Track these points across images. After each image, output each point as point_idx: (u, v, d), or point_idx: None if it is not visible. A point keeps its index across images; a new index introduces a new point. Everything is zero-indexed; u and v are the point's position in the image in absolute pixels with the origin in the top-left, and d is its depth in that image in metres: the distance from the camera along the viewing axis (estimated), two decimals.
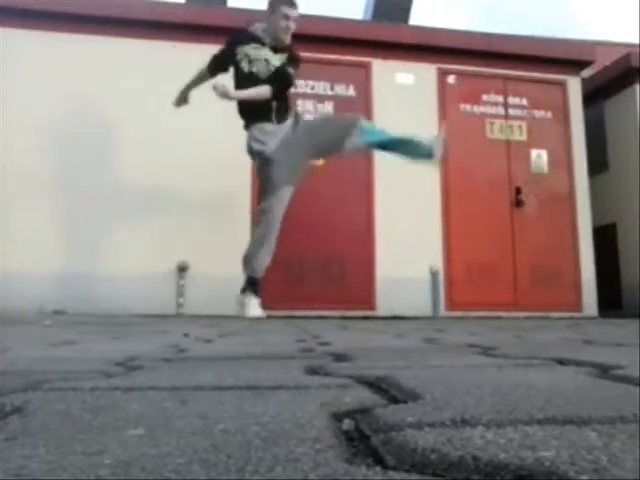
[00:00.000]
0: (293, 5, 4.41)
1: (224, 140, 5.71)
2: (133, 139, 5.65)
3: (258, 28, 4.43)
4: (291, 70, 4.36)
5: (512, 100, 6.63)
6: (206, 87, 4.24)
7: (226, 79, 4.35)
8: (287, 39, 4.40)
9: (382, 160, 6.12)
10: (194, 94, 5.77)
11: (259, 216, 4.31)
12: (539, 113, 6.66)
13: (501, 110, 6.58)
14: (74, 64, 5.68)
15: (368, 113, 6.18)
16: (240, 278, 4.44)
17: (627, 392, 0.73)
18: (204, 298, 5.39)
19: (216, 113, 5.53)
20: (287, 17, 4.34)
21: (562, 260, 6.38)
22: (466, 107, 6.48)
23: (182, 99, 4.62)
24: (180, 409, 0.63)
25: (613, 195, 7.30)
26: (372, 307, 5.81)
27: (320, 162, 4.99)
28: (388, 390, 0.74)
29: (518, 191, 6.36)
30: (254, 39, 4.37)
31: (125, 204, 5.52)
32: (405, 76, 6.37)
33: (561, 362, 1.08)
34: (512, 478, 0.38)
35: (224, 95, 4.11)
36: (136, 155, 5.63)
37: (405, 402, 0.65)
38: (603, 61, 7.50)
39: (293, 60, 4.41)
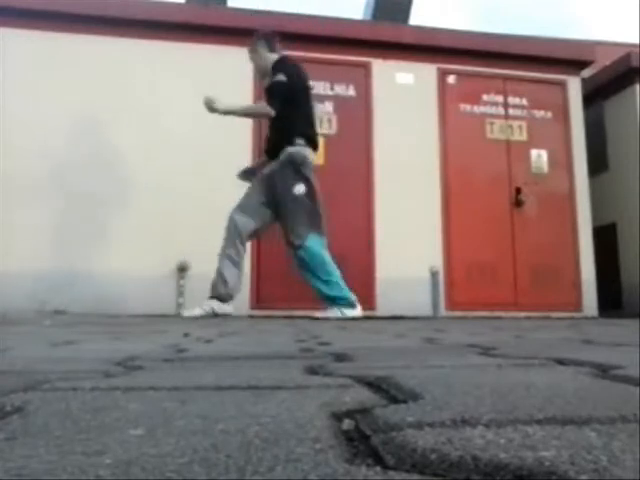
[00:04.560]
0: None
1: (225, 141, 5.72)
2: (133, 139, 5.64)
3: None
4: (272, 80, 4.27)
5: (512, 100, 6.63)
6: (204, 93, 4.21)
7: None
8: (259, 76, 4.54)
9: (382, 160, 6.13)
10: (192, 98, 5.78)
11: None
12: (539, 113, 6.66)
13: (501, 110, 6.58)
14: (74, 64, 5.68)
15: (368, 113, 6.19)
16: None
17: (627, 392, 0.73)
18: (204, 298, 5.38)
19: (216, 116, 5.53)
20: None
21: (562, 260, 6.38)
22: (466, 107, 6.49)
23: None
24: (180, 409, 0.63)
25: (613, 195, 7.30)
26: (372, 307, 5.81)
27: None
28: (388, 390, 0.74)
29: (518, 191, 6.36)
30: None
31: (125, 204, 5.52)
32: (405, 76, 6.37)
33: (561, 362, 1.08)
34: (512, 478, 0.38)
35: (210, 105, 4.10)
36: (136, 155, 5.62)
37: (405, 402, 0.65)
38: (603, 61, 7.50)
39: (273, 74, 4.32)
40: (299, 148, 4.16)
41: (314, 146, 4.30)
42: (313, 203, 4.13)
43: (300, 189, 4.08)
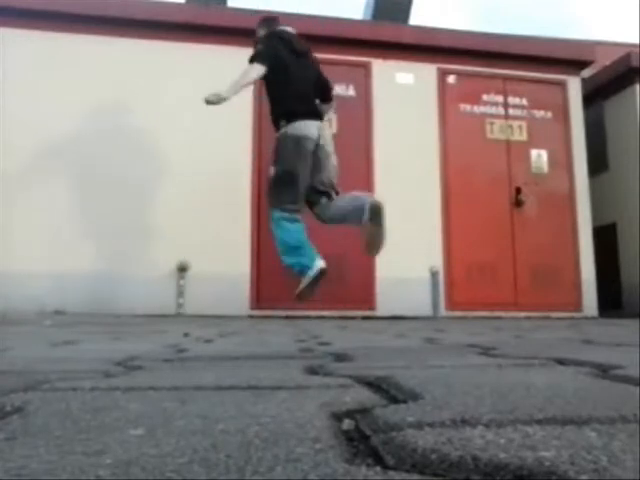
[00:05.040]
0: None
1: (224, 141, 5.72)
2: (133, 139, 5.64)
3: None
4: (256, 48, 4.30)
5: (512, 100, 6.63)
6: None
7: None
8: None
9: (382, 160, 6.13)
10: (192, 98, 5.79)
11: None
12: (539, 113, 6.66)
13: (501, 110, 6.58)
14: (74, 64, 5.68)
15: (368, 113, 6.19)
16: (239, 278, 4.43)
17: (627, 392, 0.73)
18: (204, 298, 5.39)
19: (217, 114, 5.54)
20: None
21: (562, 260, 6.37)
22: (466, 107, 6.48)
23: None
24: (180, 409, 0.63)
25: (613, 195, 7.30)
26: (372, 307, 5.81)
27: None
28: (388, 390, 0.74)
29: (518, 191, 6.35)
30: None
31: (125, 204, 5.52)
32: (405, 76, 6.37)
33: (561, 362, 1.08)
34: (512, 478, 0.38)
35: (215, 101, 3.98)
36: (135, 156, 5.62)
37: (405, 402, 0.65)
38: (603, 61, 7.50)
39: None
40: (280, 132, 4.17)
41: (307, 116, 4.18)
42: (285, 181, 4.10)
43: (271, 171, 4.22)
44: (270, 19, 4.58)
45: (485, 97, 6.56)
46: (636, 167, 6.90)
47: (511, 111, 6.60)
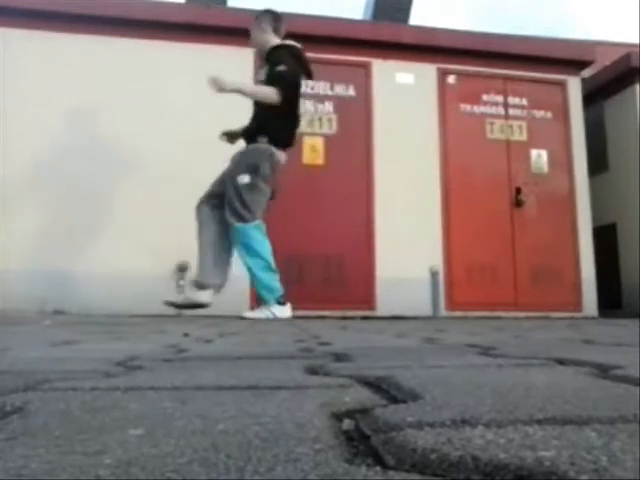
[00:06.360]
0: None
1: (224, 142, 5.72)
2: (133, 139, 5.64)
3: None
4: (279, 68, 4.04)
5: (512, 100, 6.63)
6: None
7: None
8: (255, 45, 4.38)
9: (382, 160, 6.13)
10: (192, 98, 5.79)
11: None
12: (539, 113, 6.66)
13: (501, 110, 6.58)
14: (74, 64, 5.68)
15: (368, 113, 6.19)
16: (239, 278, 4.43)
17: (627, 392, 0.73)
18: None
19: (217, 115, 5.54)
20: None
21: (562, 260, 6.38)
22: (466, 107, 6.49)
23: None
24: (180, 409, 0.63)
25: (613, 195, 7.30)
26: (372, 307, 5.81)
27: None
28: (388, 390, 0.74)
29: (518, 191, 6.36)
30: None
31: (125, 204, 5.52)
32: (405, 76, 6.37)
33: (561, 362, 1.08)
34: (512, 478, 0.38)
35: (216, 84, 3.88)
36: (135, 156, 5.62)
37: (405, 402, 0.65)
38: (603, 61, 7.50)
39: (270, 60, 4.19)
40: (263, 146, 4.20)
41: (283, 145, 4.21)
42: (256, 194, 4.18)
43: (244, 179, 4.19)
44: (277, 16, 4.36)
45: (485, 97, 6.57)
46: (636, 167, 6.90)
47: (511, 111, 6.60)
